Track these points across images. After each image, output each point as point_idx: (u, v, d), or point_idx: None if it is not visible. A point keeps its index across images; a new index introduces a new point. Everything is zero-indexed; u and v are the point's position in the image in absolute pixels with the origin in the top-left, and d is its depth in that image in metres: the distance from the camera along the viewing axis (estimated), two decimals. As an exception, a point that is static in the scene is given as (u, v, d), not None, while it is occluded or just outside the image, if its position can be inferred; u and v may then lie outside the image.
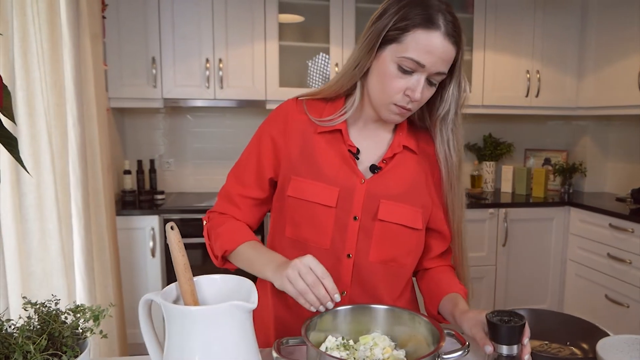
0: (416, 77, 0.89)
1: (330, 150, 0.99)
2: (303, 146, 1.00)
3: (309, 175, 0.98)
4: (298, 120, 1.02)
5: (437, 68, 0.89)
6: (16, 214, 1.38)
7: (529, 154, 3.59)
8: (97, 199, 1.93)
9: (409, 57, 0.87)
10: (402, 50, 0.88)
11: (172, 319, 0.63)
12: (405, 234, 1.00)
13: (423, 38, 0.87)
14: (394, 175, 1.00)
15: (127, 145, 3.13)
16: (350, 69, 0.96)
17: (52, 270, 1.44)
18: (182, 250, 0.69)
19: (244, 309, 0.63)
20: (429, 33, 0.86)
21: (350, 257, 0.99)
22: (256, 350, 0.68)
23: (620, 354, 0.84)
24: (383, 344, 0.83)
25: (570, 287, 3.04)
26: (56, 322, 0.64)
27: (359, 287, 1.01)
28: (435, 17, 0.87)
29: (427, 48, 0.87)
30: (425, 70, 0.89)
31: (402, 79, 0.90)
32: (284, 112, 1.04)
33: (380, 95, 0.94)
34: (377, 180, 0.99)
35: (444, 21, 0.87)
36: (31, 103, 1.44)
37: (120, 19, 2.69)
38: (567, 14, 3.15)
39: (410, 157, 1.03)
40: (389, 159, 1.01)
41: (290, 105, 1.04)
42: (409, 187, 1.01)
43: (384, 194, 0.99)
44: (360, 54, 0.94)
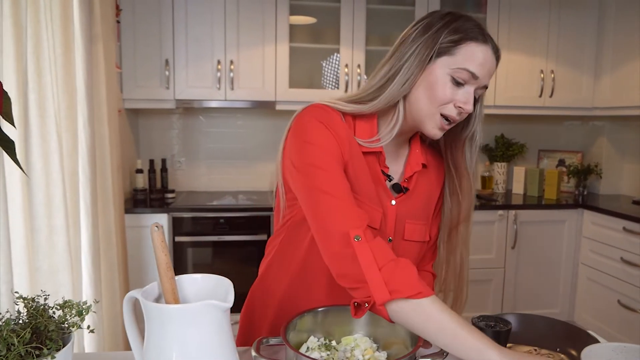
0: (467, 89, 0.90)
1: (371, 170, 0.97)
2: (350, 160, 0.93)
3: (357, 192, 0.94)
4: (345, 133, 0.93)
5: (485, 81, 0.91)
6: (25, 211, 1.43)
7: (542, 155, 3.54)
8: (105, 198, 1.99)
9: (465, 69, 0.88)
10: (457, 62, 0.89)
11: (150, 317, 0.65)
12: (419, 248, 1.05)
13: (477, 51, 0.88)
14: (417, 196, 1.03)
15: (140, 144, 3.20)
16: (399, 85, 0.91)
17: (58, 265, 1.50)
18: (165, 249, 0.72)
19: (220, 308, 0.65)
20: (483, 46, 0.89)
21: None
22: (233, 348, 0.70)
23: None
24: (364, 345, 0.84)
25: (581, 292, 2.99)
26: (42, 317, 0.67)
27: None
28: (483, 33, 0.90)
29: (481, 60, 0.88)
30: (476, 83, 0.90)
31: (454, 89, 0.90)
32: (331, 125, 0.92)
33: (428, 107, 0.91)
34: (405, 202, 1.01)
35: (489, 38, 0.91)
36: (42, 106, 1.49)
37: (135, 23, 2.76)
38: (583, 13, 3.10)
39: (423, 172, 1.05)
40: (409, 178, 1.03)
41: (331, 112, 0.94)
42: (424, 205, 1.05)
43: (409, 214, 1.02)
44: (410, 69, 0.91)
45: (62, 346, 0.65)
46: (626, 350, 0.82)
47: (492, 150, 3.44)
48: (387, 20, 3.10)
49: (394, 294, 0.77)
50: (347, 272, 0.81)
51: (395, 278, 0.78)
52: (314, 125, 0.91)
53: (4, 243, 1.24)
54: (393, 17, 3.11)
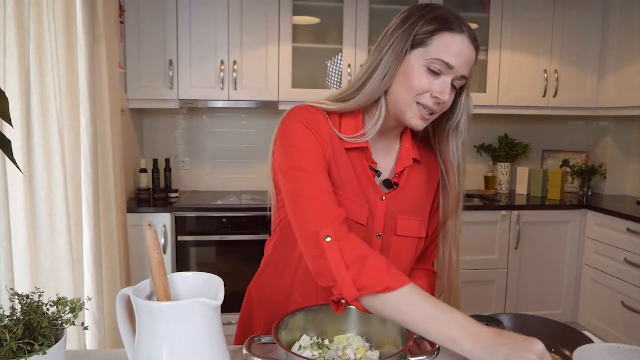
0: (443, 79, 0.90)
1: (356, 166, 0.98)
2: (333, 158, 0.95)
3: (340, 187, 0.95)
4: (328, 132, 0.95)
5: (462, 71, 0.91)
6: (27, 210, 1.45)
7: (546, 155, 3.52)
8: (107, 197, 2.01)
9: (439, 59, 0.88)
10: (431, 53, 0.89)
11: (141, 314, 0.66)
12: (415, 244, 1.04)
13: (452, 41, 0.89)
14: (408, 191, 1.03)
15: (144, 144, 3.22)
16: (378, 80, 0.93)
17: (60, 264, 1.51)
18: (158, 248, 0.73)
19: (210, 305, 0.66)
20: (457, 36, 0.89)
21: None
22: (223, 346, 0.70)
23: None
24: (357, 344, 0.84)
25: (585, 293, 2.97)
26: (36, 313, 0.68)
27: None
28: (459, 23, 0.90)
29: (456, 50, 0.89)
30: (452, 72, 0.90)
31: (431, 80, 0.90)
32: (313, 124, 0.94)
33: (405, 97, 0.92)
34: (395, 197, 1.01)
35: (467, 28, 0.91)
36: (44, 105, 1.51)
37: (140, 24, 2.78)
38: (587, 13, 3.08)
39: (416, 167, 1.05)
40: (400, 173, 1.03)
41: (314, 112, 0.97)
42: (418, 200, 1.04)
43: (401, 209, 1.01)
44: (387, 63, 0.92)
45: (55, 342, 0.66)
46: (619, 351, 0.82)
47: (496, 150, 3.42)
48: (389, 20, 3.09)
49: (362, 291, 0.79)
50: (321, 272, 0.83)
51: (363, 275, 0.79)
52: (297, 127, 0.93)
53: (4, 241, 1.25)
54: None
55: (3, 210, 1.23)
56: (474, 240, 2.89)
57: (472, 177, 3.49)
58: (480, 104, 3.07)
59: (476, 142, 3.47)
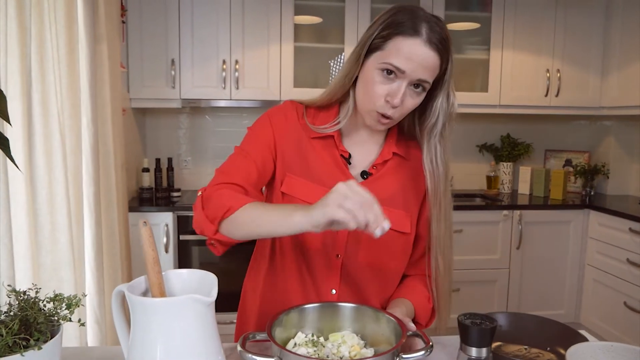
0: (397, 84, 0.91)
1: (324, 154, 1.02)
2: (298, 147, 1.02)
3: (302, 174, 1.00)
4: (296, 122, 1.03)
5: (417, 75, 0.90)
6: (29, 209, 1.46)
7: (549, 154, 3.51)
8: (109, 196, 2.02)
9: (390, 63, 0.89)
10: (383, 57, 0.90)
11: (135, 310, 0.67)
12: (393, 238, 1.02)
13: (403, 44, 0.88)
14: (385, 181, 1.03)
15: (147, 144, 3.23)
16: (341, 79, 0.98)
17: (61, 262, 1.52)
18: (153, 245, 0.73)
19: (203, 302, 0.66)
20: (409, 40, 0.88)
21: (339, 258, 1.02)
22: (217, 342, 0.71)
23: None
24: (351, 342, 0.84)
25: (588, 293, 2.96)
26: (32, 309, 0.69)
27: (348, 287, 1.03)
28: (418, 25, 0.89)
29: (407, 55, 0.88)
30: (405, 77, 0.90)
31: (384, 85, 0.91)
32: (284, 112, 1.05)
33: (364, 102, 0.95)
34: (368, 186, 1.00)
35: (427, 30, 0.89)
36: (45, 105, 1.52)
37: (142, 24, 2.79)
38: (590, 12, 3.07)
39: (401, 163, 1.05)
40: (379, 166, 1.04)
41: (289, 107, 1.05)
42: (399, 192, 1.03)
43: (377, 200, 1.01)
44: (349, 64, 0.96)
45: (51, 338, 0.67)
46: (614, 350, 0.82)
47: (498, 150, 3.42)
48: (392, 19, 3.09)
49: (214, 222, 0.88)
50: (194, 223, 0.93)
51: (211, 208, 0.89)
52: (261, 118, 1.05)
53: (6, 239, 1.26)
54: (398, 16, 3.11)
55: (4, 208, 1.24)
56: (476, 240, 2.89)
57: (474, 177, 3.49)
58: (482, 104, 3.07)
59: (478, 142, 3.47)
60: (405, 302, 1.00)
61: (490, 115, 3.29)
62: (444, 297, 1.05)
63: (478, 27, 3.09)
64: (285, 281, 1.03)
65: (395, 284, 1.09)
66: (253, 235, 0.87)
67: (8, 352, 0.63)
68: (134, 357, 0.68)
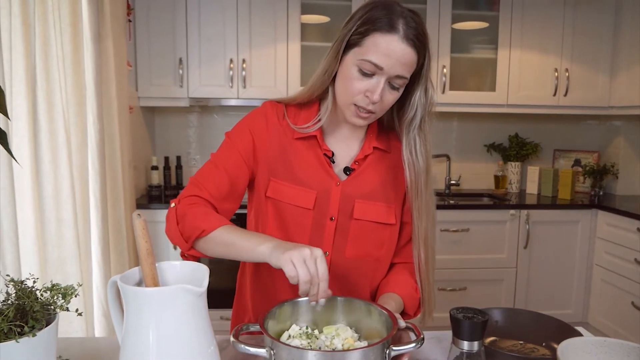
0: (376, 80, 0.92)
1: (308, 155, 1.03)
2: (281, 150, 1.03)
3: (287, 178, 1.02)
4: (277, 124, 1.04)
5: (396, 71, 0.91)
6: (35, 204, 1.49)
7: (558, 154, 3.48)
8: (116, 192, 2.05)
9: (368, 60, 0.90)
10: (361, 54, 0.91)
11: (128, 300, 0.68)
12: (378, 230, 1.04)
13: (381, 41, 0.90)
14: (367, 176, 1.04)
15: (156, 142, 3.27)
16: (321, 75, 0.99)
17: (67, 257, 1.55)
18: (146, 237, 0.74)
19: (194, 292, 0.67)
20: (387, 36, 0.89)
21: (327, 255, 1.03)
22: (210, 332, 0.72)
23: (587, 355, 0.82)
24: (345, 334, 0.85)
25: (596, 293, 2.93)
26: (29, 298, 0.70)
27: (337, 282, 1.04)
28: (395, 21, 0.89)
29: (385, 51, 0.89)
30: (384, 73, 0.91)
31: (362, 81, 0.92)
32: (264, 115, 1.05)
33: (343, 97, 0.97)
34: (351, 182, 1.03)
35: (404, 26, 0.89)
36: (51, 102, 1.55)
37: (150, 22, 2.82)
38: (599, 10, 3.04)
39: (382, 156, 1.07)
40: (361, 161, 1.05)
41: (269, 110, 1.06)
42: (381, 186, 1.05)
43: (358, 194, 1.03)
44: (328, 60, 0.97)
45: (46, 326, 0.68)
46: (606, 345, 0.82)
47: (506, 149, 3.40)
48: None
49: (189, 241, 0.92)
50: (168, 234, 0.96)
51: (186, 227, 0.92)
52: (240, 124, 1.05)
53: (11, 232, 1.29)
54: (405, 15, 3.10)
55: (9, 202, 1.27)
56: (483, 240, 2.88)
57: (482, 176, 3.47)
58: (489, 103, 3.06)
59: (486, 142, 3.45)
60: (394, 296, 1.00)
61: (498, 114, 3.27)
62: (427, 287, 1.05)
63: (485, 26, 3.07)
64: (273, 279, 1.04)
65: (385, 271, 1.10)
66: (223, 256, 0.92)
67: (3, 338, 0.64)
68: (128, 345, 0.69)
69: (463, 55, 3.10)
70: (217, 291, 2.81)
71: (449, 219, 2.84)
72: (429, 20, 2.97)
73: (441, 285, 2.87)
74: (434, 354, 0.95)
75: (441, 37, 2.98)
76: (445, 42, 2.98)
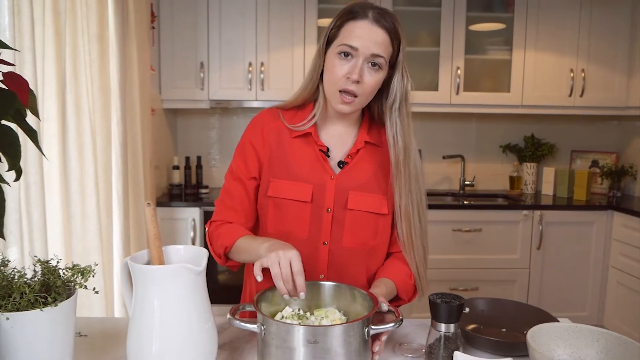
0: (354, 61, 1.02)
1: (304, 151, 1.12)
2: (279, 150, 1.13)
3: (285, 176, 1.12)
4: (273, 127, 1.14)
5: (370, 50, 1.00)
6: (63, 198, 1.62)
7: (575, 155, 3.47)
8: (137, 190, 2.17)
9: (344, 44, 1.01)
10: (339, 42, 1.03)
11: (136, 277, 0.78)
12: (372, 220, 1.12)
13: (354, 26, 1.02)
14: (359, 169, 1.12)
15: (178, 143, 3.41)
16: (310, 74, 1.11)
17: (90, 248, 1.67)
18: (155, 223, 0.84)
19: (193, 270, 0.77)
20: (359, 22, 1.02)
21: (325, 245, 1.11)
22: (208, 307, 0.81)
23: (558, 340, 0.87)
24: (333, 316, 0.93)
25: (611, 295, 2.91)
26: (53, 275, 0.81)
27: (335, 270, 1.12)
28: (366, 10, 1.02)
29: (357, 33, 1.01)
30: (360, 54, 1.01)
31: (343, 66, 1.02)
32: (260, 122, 1.16)
33: (329, 87, 1.06)
34: (345, 175, 1.12)
35: (375, 13, 1.01)
36: (78, 104, 1.68)
37: (173, 28, 2.96)
38: (616, 10, 3.02)
39: (373, 150, 1.15)
40: (353, 154, 1.13)
41: (264, 116, 1.16)
42: (373, 178, 1.12)
43: (352, 186, 1.11)
44: (314, 60, 1.08)
45: (66, 298, 0.79)
46: (577, 330, 0.87)
47: (522, 150, 3.40)
48: (413, 20, 3.15)
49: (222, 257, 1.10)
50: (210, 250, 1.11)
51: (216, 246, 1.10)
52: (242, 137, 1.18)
53: (39, 224, 1.41)
54: (420, 18, 3.16)
55: (39, 196, 1.39)
56: (495, 240, 2.90)
57: (497, 177, 3.48)
58: (503, 104, 3.08)
59: (502, 142, 3.46)
60: (385, 281, 1.07)
61: (514, 115, 3.29)
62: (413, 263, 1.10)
63: (501, 27, 3.10)
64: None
65: (381, 260, 1.17)
66: (246, 261, 1.08)
67: (30, 307, 0.75)
68: (136, 315, 0.79)
69: (477, 56, 3.13)
70: (227, 287, 2.92)
71: (461, 219, 2.88)
72: (443, 23, 3.01)
73: (453, 285, 2.91)
74: (419, 338, 1.02)
75: (455, 39, 3.02)
76: (460, 44, 3.02)
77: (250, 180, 1.15)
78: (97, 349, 0.96)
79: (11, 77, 0.86)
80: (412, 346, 0.98)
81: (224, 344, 0.99)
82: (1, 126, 0.83)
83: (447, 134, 3.47)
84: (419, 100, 3.05)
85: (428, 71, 3.15)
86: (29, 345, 0.74)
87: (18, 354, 0.74)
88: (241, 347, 0.98)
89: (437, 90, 3.06)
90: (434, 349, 0.89)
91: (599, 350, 0.84)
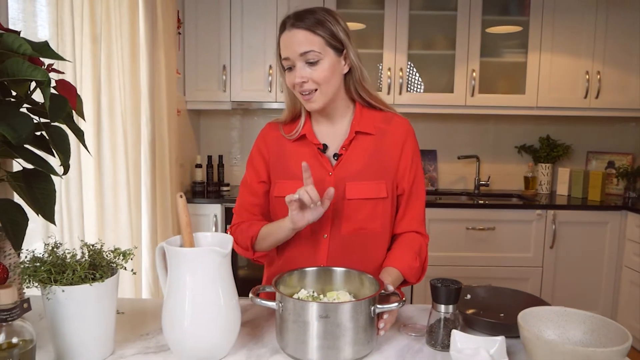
0: (294, 71, 1.14)
1: (303, 152, 1.23)
2: (280, 155, 1.26)
3: (287, 176, 1.23)
4: (274, 136, 1.28)
5: (297, 51, 1.11)
6: (97, 192, 1.76)
7: (591, 156, 3.49)
8: (164, 186, 2.31)
9: (281, 59, 1.15)
10: (280, 58, 1.17)
11: (170, 258, 0.89)
12: (371, 204, 1.20)
13: (281, 40, 1.14)
14: (353, 158, 1.21)
15: (201, 142, 3.55)
16: (284, 92, 1.25)
17: (121, 239, 1.81)
18: (186, 212, 0.95)
19: (220, 253, 0.88)
20: (282, 35, 1.14)
21: (325, 237, 1.21)
22: (233, 286, 0.92)
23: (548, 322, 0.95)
24: (344, 298, 1.03)
25: (625, 295, 2.94)
26: (99, 256, 0.93)
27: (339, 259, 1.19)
28: (285, 21, 1.14)
29: (283, 44, 1.13)
30: (291, 60, 1.13)
31: (290, 77, 1.16)
32: (263, 133, 1.32)
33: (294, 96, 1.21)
34: (340, 166, 1.21)
35: (291, 19, 1.14)
36: (112, 105, 1.82)
37: (198, 34, 3.11)
38: (632, 13, 3.05)
39: (365, 138, 1.23)
40: (347, 146, 1.22)
41: (267, 128, 1.32)
42: (368, 165, 1.21)
43: (348, 176, 1.20)
44: (281, 79, 1.22)
45: (111, 276, 0.91)
46: (565, 314, 0.95)
47: (537, 151, 3.44)
48: (429, 25, 3.23)
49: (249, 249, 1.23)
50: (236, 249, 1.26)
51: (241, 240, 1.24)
52: (252, 150, 1.32)
53: (78, 216, 1.55)
54: (436, 21, 3.23)
55: (78, 190, 1.52)
56: (509, 238, 2.96)
57: (512, 177, 3.53)
58: (518, 105, 3.13)
59: (517, 143, 3.51)
60: (392, 271, 1.14)
61: (529, 117, 3.34)
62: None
63: (518, 30, 3.15)
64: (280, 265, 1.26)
65: (385, 243, 1.24)
66: (273, 244, 1.22)
67: (81, 282, 0.87)
68: (170, 294, 0.90)
69: (493, 59, 3.19)
70: (246, 280, 3.04)
71: (475, 218, 2.95)
72: (459, 26, 3.08)
73: (465, 282, 2.96)
74: (422, 320, 1.12)
75: (471, 42, 3.09)
76: (475, 47, 3.09)
77: (260, 184, 1.28)
78: (132, 324, 1.08)
79: (62, 84, 0.99)
80: (415, 327, 1.07)
81: (246, 322, 1.10)
82: (55, 127, 0.96)
83: (462, 135, 3.53)
84: (434, 102, 3.12)
85: (444, 74, 3.23)
86: (80, 315, 0.86)
87: (71, 322, 0.86)
88: (261, 325, 1.09)
89: (452, 92, 3.13)
90: (435, 329, 0.98)
91: (585, 330, 0.92)
